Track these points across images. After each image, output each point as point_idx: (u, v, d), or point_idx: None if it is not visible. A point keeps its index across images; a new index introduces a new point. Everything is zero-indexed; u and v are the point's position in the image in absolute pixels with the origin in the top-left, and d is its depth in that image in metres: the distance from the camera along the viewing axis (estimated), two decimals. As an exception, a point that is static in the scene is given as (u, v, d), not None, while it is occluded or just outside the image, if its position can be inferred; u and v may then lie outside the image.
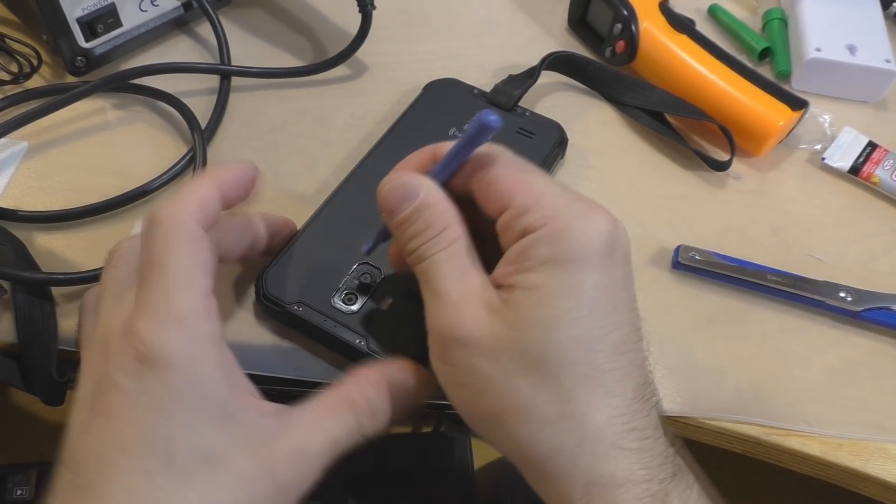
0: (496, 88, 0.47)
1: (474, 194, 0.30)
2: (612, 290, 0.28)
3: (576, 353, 0.27)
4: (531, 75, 0.48)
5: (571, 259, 0.27)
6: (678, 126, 0.50)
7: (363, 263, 0.38)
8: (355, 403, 0.30)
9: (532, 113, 0.46)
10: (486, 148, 0.30)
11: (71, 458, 0.27)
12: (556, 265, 0.27)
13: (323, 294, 0.37)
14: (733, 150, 0.47)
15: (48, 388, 0.37)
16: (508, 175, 0.29)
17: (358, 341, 0.36)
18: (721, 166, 0.47)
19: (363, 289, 0.37)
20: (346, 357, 0.37)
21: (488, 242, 0.31)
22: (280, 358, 0.38)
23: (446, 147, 0.31)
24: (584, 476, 0.27)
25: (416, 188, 0.30)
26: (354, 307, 0.37)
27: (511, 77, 0.48)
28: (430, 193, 0.30)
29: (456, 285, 0.29)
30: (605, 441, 0.27)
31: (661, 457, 0.27)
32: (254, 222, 0.36)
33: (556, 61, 0.50)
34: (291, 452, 0.28)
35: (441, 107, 0.46)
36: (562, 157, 0.46)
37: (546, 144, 0.45)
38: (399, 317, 0.37)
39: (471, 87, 0.47)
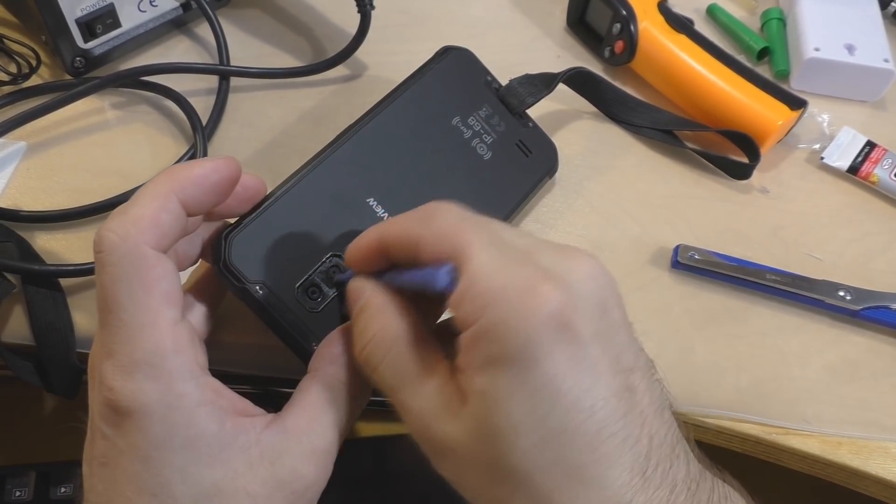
0: (510, 86, 0.43)
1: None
2: (580, 372, 0.23)
3: (545, 456, 0.23)
4: (549, 84, 0.45)
5: (515, 357, 0.23)
6: (690, 137, 0.49)
7: (337, 255, 0.33)
8: (337, 387, 0.29)
9: (535, 126, 0.44)
10: (433, 208, 0.27)
11: (88, 492, 0.27)
12: (499, 366, 0.24)
13: (287, 279, 0.32)
14: (752, 157, 0.47)
15: (67, 376, 0.37)
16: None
17: (314, 345, 0.32)
18: (742, 174, 0.47)
19: (333, 285, 0.33)
20: (295, 354, 0.33)
21: None
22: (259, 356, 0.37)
23: (391, 232, 0.28)
24: None
25: (357, 293, 0.29)
26: (318, 306, 0.32)
27: (528, 77, 0.44)
28: (372, 296, 0.28)
29: (413, 398, 0.26)
30: None
31: None
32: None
33: (574, 77, 0.48)
34: (305, 457, 0.27)
35: (451, 84, 0.41)
36: (549, 178, 0.45)
37: (537, 170, 0.43)
38: None
39: (486, 71, 0.43)
